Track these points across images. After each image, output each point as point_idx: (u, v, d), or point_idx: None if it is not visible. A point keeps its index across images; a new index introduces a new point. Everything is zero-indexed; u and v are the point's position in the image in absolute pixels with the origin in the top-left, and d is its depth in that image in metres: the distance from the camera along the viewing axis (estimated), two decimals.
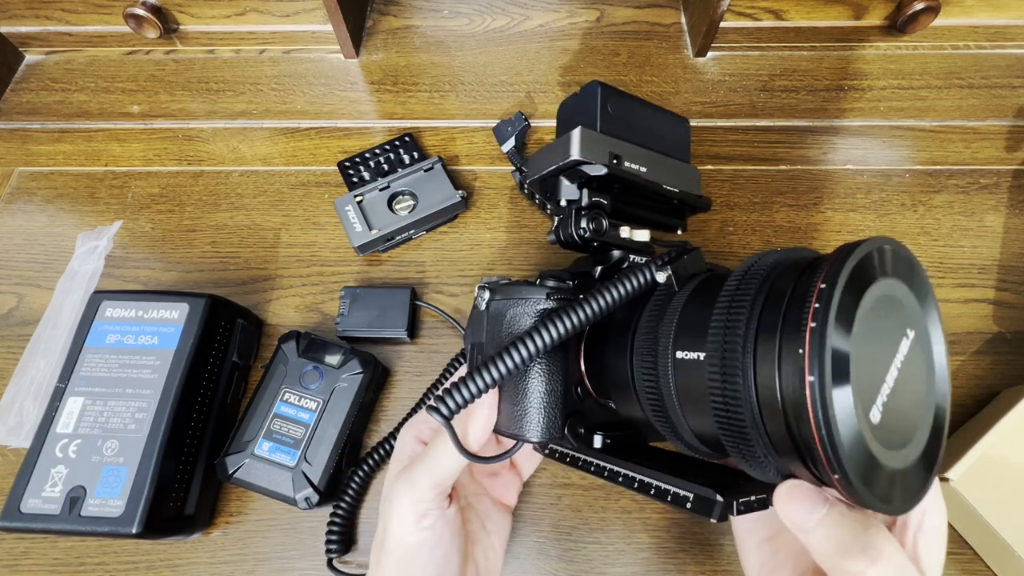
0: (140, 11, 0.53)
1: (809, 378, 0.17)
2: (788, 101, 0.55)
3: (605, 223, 0.33)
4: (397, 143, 0.52)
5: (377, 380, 0.42)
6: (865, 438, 0.18)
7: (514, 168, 0.50)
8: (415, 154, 0.51)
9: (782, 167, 0.52)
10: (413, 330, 0.45)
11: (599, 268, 0.33)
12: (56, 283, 0.48)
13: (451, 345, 0.45)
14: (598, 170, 0.32)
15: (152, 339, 0.39)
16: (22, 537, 0.40)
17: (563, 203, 0.34)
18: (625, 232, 0.34)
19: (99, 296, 0.40)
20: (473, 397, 0.25)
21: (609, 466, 0.27)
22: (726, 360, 0.20)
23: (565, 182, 0.34)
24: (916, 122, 0.54)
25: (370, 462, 0.40)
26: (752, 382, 0.20)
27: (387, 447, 0.41)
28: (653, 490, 0.25)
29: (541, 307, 0.27)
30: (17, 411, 0.43)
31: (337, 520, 0.39)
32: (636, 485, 0.26)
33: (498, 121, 0.52)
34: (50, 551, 0.40)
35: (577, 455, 0.29)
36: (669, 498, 0.24)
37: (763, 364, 0.19)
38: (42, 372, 0.44)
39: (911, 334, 0.20)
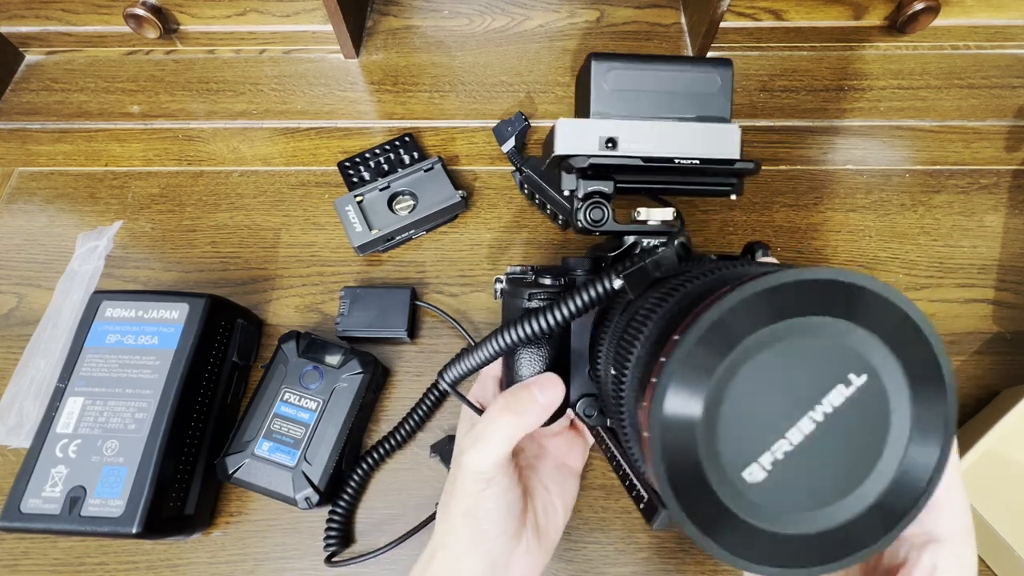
0: (140, 11, 0.53)
1: (645, 434, 0.17)
2: (788, 101, 0.55)
3: (606, 212, 0.32)
4: (397, 143, 0.52)
5: (377, 380, 0.42)
6: (720, 500, 0.17)
7: (514, 168, 0.50)
8: (415, 154, 0.51)
9: (782, 167, 0.52)
10: (413, 330, 0.45)
11: (612, 254, 0.33)
12: (56, 283, 0.48)
13: (451, 345, 0.45)
14: (581, 162, 0.31)
15: (152, 339, 0.39)
16: (22, 537, 0.40)
17: (566, 193, 0.34)
18: (642, 213, 0.32)
19: (99, 296, 0.40)
20: (470, 370, 0.30)
21: (610, 445, 0.29)
22: (616, 390, 0.23)
23: (563, 173, 0.33)
24: (916, 122, 0.54)
25: (370, 460, 0.40)
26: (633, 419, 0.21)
27: (387, 446, 0.41)
28: (626, 480, 0.27)
29: (524, 305, 0.31)
30: (17, 411, 0.43)
31: (336, 518, 0.39)
32: (619, 472, 0.28)
33: (498, 121, 0.52)
34: (50, 551, 0.40)
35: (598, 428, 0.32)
36: (633, 493, 0.26)
37: (633, 406, 0.20)
38: (42, 372, 0.44)
39: (855, 380, 0.17)
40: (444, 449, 0.41)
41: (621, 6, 0.60)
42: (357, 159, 0.51)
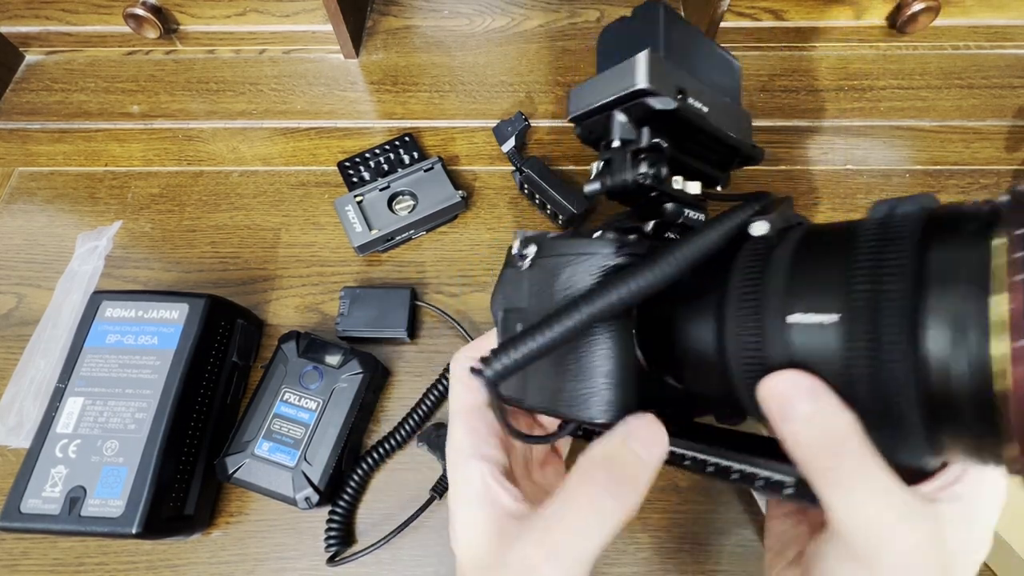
0: (140, 11, 0.53)
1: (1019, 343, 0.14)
2: (788, 101, 0.55)
3: (665, 169, 0.28)
4: (397, 143, 0.52)
5: (377, 380, 0.42)
6: None
7: (514, 168, 0.50)
8: (415, 154, 0.51)
9: (782, 167, 0.52)
10: (413, 330, 0.45)
11: (651, 223, 0.28)
12: (56, 283, 0.48)
13: (451, 345, 0.45)
14: (667, 103, 0.26)
15: (152, 339, 0.39)
16: (22, 537, 0.40)
17: (616, 143, 0.28)
18: (678, 183, 0.29)
19: (99, 296, 0.40)
20: (527, 360, 0.21)
21: (678, 450, 0.23)
22: (879, 322, 0.17)
23: (620, 118, 0.28)
24: (916, 122, 0.54)
25: (370, 460, 0.40)
26: (916, 345, 0.16)
27: (387, 446, 0.41)
28: (736, 475, 0.21)
29: (610, 263, 0.23)
30: (17, 411, 0.43)
31: (337, 519, 0.39)
32: (712, 470, 0.22)
33: (498, 121, 0.52)
34: (50, 551, 0.40)
35: None
36: (759, 483, 0.21)
37: (937, 326, 0.16)
38: (42, 372, 0.44)
39: None
40: (431, 437, 0.41)
41: (621, 6, 0.60)
42: (357, 159, 0.51)
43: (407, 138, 0.52)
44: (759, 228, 0.22)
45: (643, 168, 0.27)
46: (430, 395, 0.42)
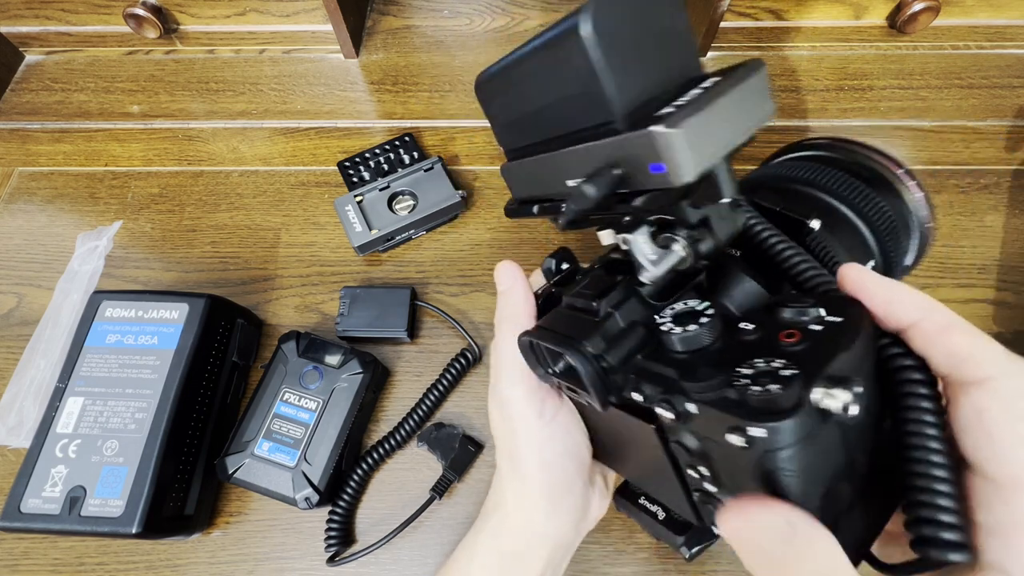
0: (140, 11, 0.53)
1: None
2: (788, 101, 0.55)
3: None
4: (397, 143, 0.52)
5: (377, 380, 0.42)
6: None
7: None
8: (415, 154, 0.51)
9: None
10: (413, 330, 0.45)
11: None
12: (56, 283, 0.48)
13: (451, 345, 0.45)
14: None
15: (152, 339, 0.39)
16: (22, 537, 0.40)
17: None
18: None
19: (99, 296, 0.40)
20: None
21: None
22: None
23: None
24: (916, 122, 0.54)
25: (370, 460, 0.40)
26: None
27: (387, 446, 0.41)
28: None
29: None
30: (17, 411, 0.43)
31: (337, 519, 0.39)
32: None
33: None
34: (50, 551, 0.40)
35: None
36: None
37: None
38: (42, 372, 0.44)
39: None
40: (431, 437, 0.41)
41: None
42: (357, 159, 0.51)
43: (407, 138, 0.52)
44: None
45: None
46: (430, 395, 0.42)
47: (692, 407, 0.19)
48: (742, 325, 0.20)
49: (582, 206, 0.20)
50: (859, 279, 0.20)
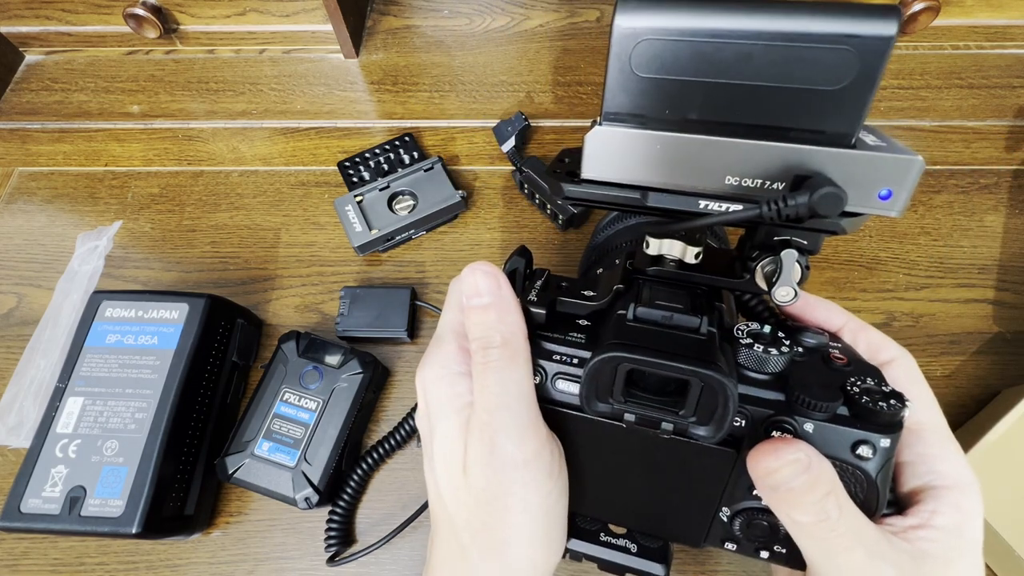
0: (140, 11, 0.53)
1: None
2: None
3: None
4: (397, 143, 0.52)
5: (377, 380, 0.42)
6: None
7: (514, 168, 0.50)
8: (415, 154, 0.51)
9: None
10: (413, 330, 0.45)
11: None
12: (56, 283, 0.48)
13: None
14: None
15: (152, 339, 0.39)
16: (22, 537, 0.40)
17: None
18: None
19: (99, 296, 0.40)
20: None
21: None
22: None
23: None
24: (916, 122, 0.54)
25: (370, 460, 0.40)
26: None
27: (387, 446, 0.41)
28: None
29: None
30: (17, 411, 0.43)
31: (337, 519, 0.39)
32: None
33: (498, 121, 0.52)
34: (50, 551, 0.40)
35: None
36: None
37: None
38: (42, 372, 0.44)
39: None
40: None
41: None
42: (357, 159, 0.51)
43: (407, 138, 0.52)
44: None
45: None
46: None
47: (809, 426, 0.21)
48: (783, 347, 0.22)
49: (800, 213, 0.18)
50: (804, 299, 0.27)
